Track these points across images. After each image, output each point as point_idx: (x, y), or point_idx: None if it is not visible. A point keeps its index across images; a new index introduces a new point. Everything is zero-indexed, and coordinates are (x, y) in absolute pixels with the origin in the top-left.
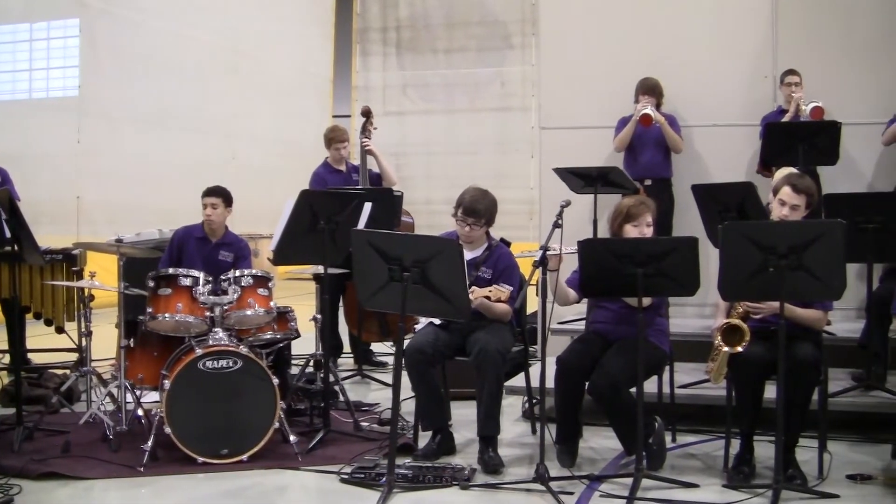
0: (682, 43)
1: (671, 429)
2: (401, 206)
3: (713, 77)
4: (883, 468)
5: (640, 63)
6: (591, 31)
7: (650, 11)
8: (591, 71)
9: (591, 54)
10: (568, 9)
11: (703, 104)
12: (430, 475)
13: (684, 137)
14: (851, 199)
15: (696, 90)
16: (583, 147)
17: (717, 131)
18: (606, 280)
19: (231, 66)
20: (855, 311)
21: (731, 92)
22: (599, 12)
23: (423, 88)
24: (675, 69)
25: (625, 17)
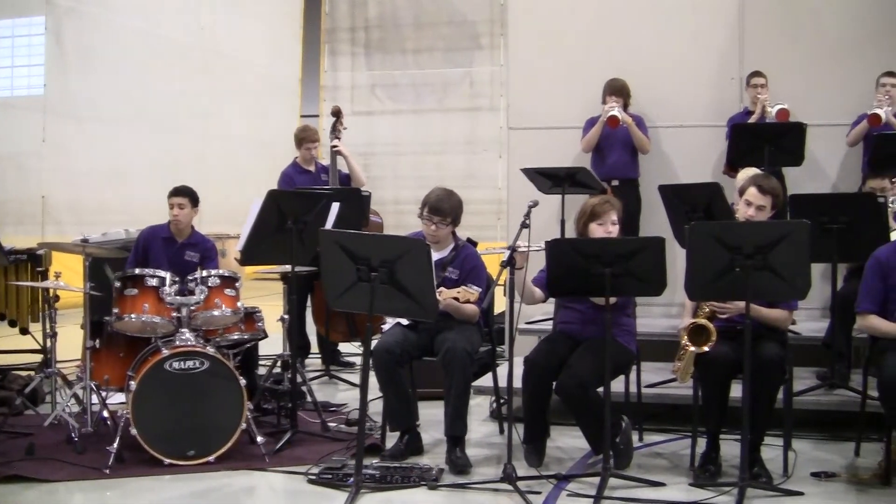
0: (649, 44)
1: (638, 428)
2: (369, 206)
3: (680, 78)
4: (846, 466)
5: (607, 64)
6: (560, 31)
7: (618, 13)
8: (560, 71)
9: (559, 55)
10: (536, 9)
11: (670, 105)
12: (397, 475)
13: (651, 138)
14: (816, 199)
15: (663, 91)
16: (551, 147)
17: (684, 132)
18: (574, 280)
19: (199, 65)
20: (819, 311)
21: (698, 93)
22: (567, 13)
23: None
24: (642, 70)
25: (593, 18)
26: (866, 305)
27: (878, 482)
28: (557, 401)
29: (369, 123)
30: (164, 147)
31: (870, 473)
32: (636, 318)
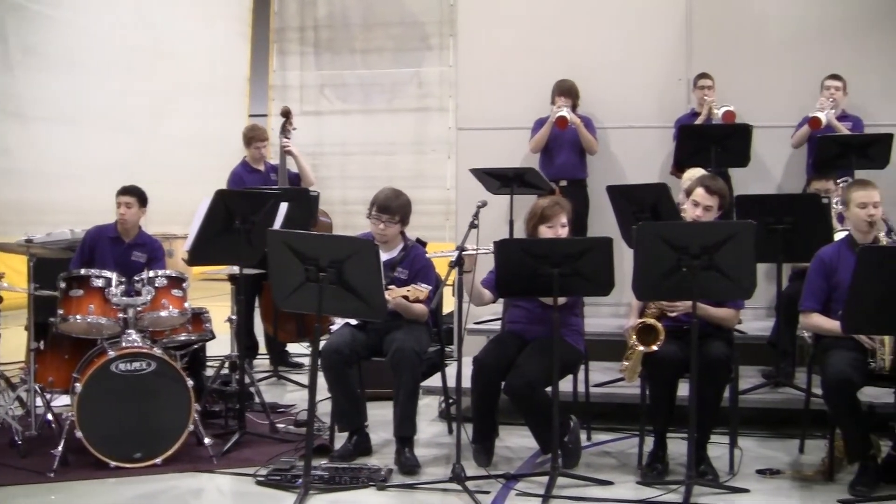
0: (598, 45)
1: (586, 427)
2: (317, 207)
3: (628, 80)
4: (791, 463)
5: (556, 65)
6: (509, 32)
7: (567, 14)
8: (508, 72)
9: (508, 56)
10: (486, 10)
11: (618, 106)
12: (346, 476)
13: (599, 139)
14: (762, 200)
15: (611, 92)
16: (499, 148)
17: (632, 133)
18: (522, 280)
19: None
20: (765, 310)
21: (646, 94)
22: (517, 14)
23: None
24: (590, 71)
25: (542, 19)
26: (810, 304)
27: (821, 478)
28: (506, 400)
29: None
30: (111, 146)
31: (814, 470)
32: (584, 317)
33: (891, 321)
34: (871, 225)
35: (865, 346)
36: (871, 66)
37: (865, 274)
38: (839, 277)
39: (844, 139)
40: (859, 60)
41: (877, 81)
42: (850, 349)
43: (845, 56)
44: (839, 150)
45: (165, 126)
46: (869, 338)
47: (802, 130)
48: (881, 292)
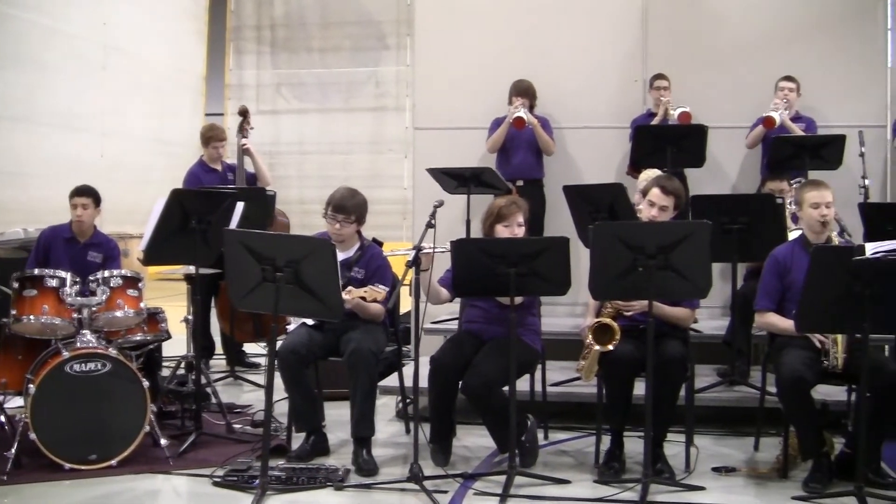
0: (554, 46)
1: (543, 426)
2: (274, 206)
3: (585, 80)
4: (746, 460)
5: (513, 65)
6: (466, 32)
7: (524, 15)
8: (466, 72)
9: (465, 56)
10: (443, 10)
11: (575, 107)
12: (303, 476)
13: (556, 139)
14: (717, 200)
15: (568, 93)
16: (456, 148)
17: (588, 133)
18: (479, 279)
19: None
20: (720, 310)
21: (602, 95)
22: (474, 14)
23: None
24: (547, 72)
25: (499, 19)
26: (764, 303)
27: (776, 475)
28: (463, 400)
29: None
30: (65, 146)
31: (768, 467)
32: (541, 317)
33: (843, 320)
34: (824, 225)
35: (818, 345)
36: (825, 68)
37: (818, 274)
38: (793, 277)
39: (798, 140)
40: (813, 62)
41: (830, 83)
42: (804, 348)
43: (799, 58)
44: (793, 151)
45: (120, 125)
46: (822, 336)
47: (757, 131)
48: (834, 292)
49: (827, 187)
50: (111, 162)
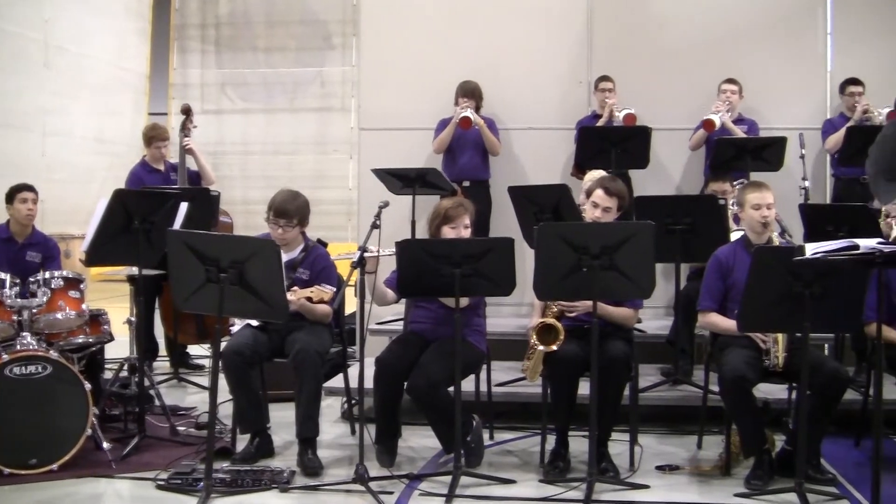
0: (501, 47)
1: (488, 426)
2: (218, 206)
3: (531, 82)
4: (689, 458)
5: (459, 66)
6: (412, 33)
7: (470, 15)
8: (412, 73)
9: (411, 56)
10: (388, 10)
11: (521, 108)
12: (248, 479)
13: (502, 140)
14: (661, 201)
15: (514, 94)
16: (402, 148)
17: (534, 134)
18: (424, 280)
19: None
20: (664, 309)
21: (548, 97)
22: (420, 15)
23: (242, 87)
24: (494, 73)
25: (445, 20)
26: (707, 303)
27: (718, 473)
28: (409, 400)
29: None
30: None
31: (711, 465)
32: (486, 317)
33: (784, 320)
34: (765, 226)
35: (760, 344)
36: (767, 71)
37: (760, 274)
38: (735, 277)
39: (740, 142)
40: (755, 65)
41: (772, 86)
42: (746, 347)
43: (742, 61)
44: (735, 153)
45: (62, 124)
46: (763, 336)
47: (699, 133)
48: (775, 292)
49: (768, 189)
50: (53, 161)
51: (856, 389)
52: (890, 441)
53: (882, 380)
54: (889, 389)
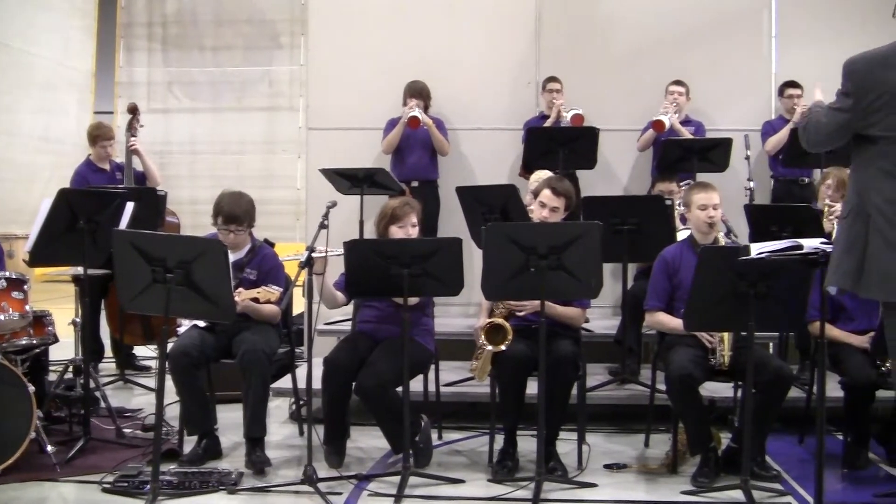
0: (449, 48)
1: (437, 426)
2: (164, 206)
3: (479, 82)
4: (637, 457)
5: (408, 66)
6: (360, 32)
7: (419, 16)
8: (360, 72)
9: (359, 56)
10: (337, 10)
11: (469, 108)
12: (195, 480)
13: (450, 140)
14: (608, 201)
15: (462, 94)
16: (350, 148)
17: (482, 135)
18: (372, 280)
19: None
20: (611, 309)
21: (496, 97)
22: (368, 14)
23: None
24: (442, 73)
25: (394, 20)
26: (654, 303)
27: (665, 471)
28: (357, 401)
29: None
30: None
31: (658, 463)
32: (434, 317)
33: (729, 319)
34: (711, 226)
35: (706, 343)
36: (713, 73)
37: (705, 274)
38: (681, 277)
39: (687, 143)
40: (702, 67)
41: (718, 88)
42: (692, 346)
43: (688, 63)
44: (682, 154)
45: (7, 122)
46: (709, 335)
47: (647, 134)
48: (720, 291)
49: (714, 189)
50: None
51: (800, 387)
52: (833, 438)
53: (825, 378)
54: (832, 387)
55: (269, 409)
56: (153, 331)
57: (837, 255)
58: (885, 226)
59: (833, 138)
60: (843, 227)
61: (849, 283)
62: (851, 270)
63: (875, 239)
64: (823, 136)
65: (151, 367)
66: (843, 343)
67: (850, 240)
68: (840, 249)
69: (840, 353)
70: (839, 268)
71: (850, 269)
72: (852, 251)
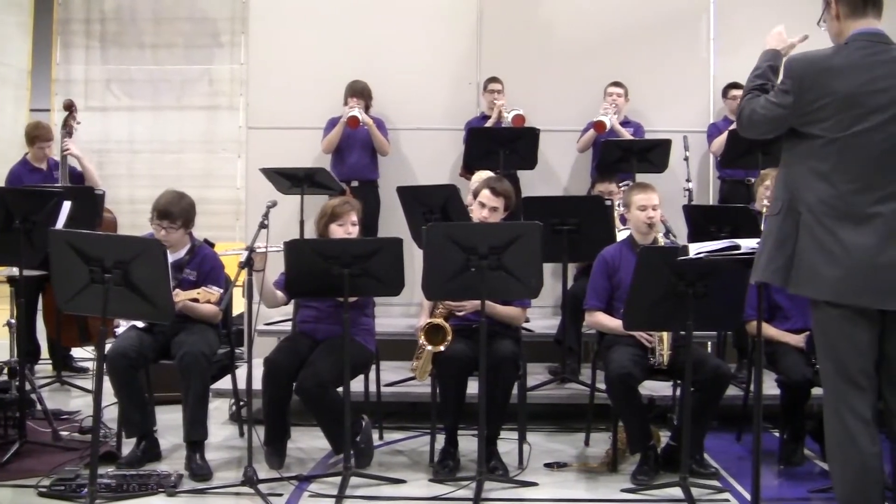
0: (390, 47)
1: (378, 426)
2: (102, 205)
3: (420, 82)
4: (577, 455)
5: (349, 65)
6: (301, 31)
7: (360, 15)
8: (300, 72)
9: (300, 55)
10: (278, 8)
11: (410, 108)
12: (134, 483)
13: (391, 140)
14: (548, 201)
15: (403, 94)
16: (290, 148)
17: (423, 135)
18: (313, 280)
19: None
20: (551, 309)
21: (437, 97)
22: (309, 13)
23: (128, 84)
24: (383, 73)
25: (335, 19)
26: (593, 303)
27: (605, 469)
28: (298, 401)
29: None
30: None
31: (598, 461)
32: (375, 317)
33: (668, 318)
34: (651, 226)
35: (645, 342)
36: (652, 75)
37: (645, 274)
38: (621, 277)
39: (626, 144)
40: (641, 69)
41: (657, 89)
42: (632, 346)
43: (628, 64)
44: (621, 154)
45: None
46: (648, 334)
47: (588, 134)
48: (659, 291)
49: (653, 190)
50: None
51: (737, 385)
52: (770, 435)
53: (762, 376)
54: (769, 385)
55: (209, 410)
56: (90, 332)
57: (768, 250)
58: (815, 224)
59: (766, 129)
60: (774, 223)
61: (779, 279)
62: (781, 267)
63: (805, 237)
64: (759, 125)
65: (89, 369)
66: (779, 342)
67: (782, 236)
68: (770, 245)
69: (776, 352)
70: (770, 263)
71: (781, 265)
72: (783, 248)
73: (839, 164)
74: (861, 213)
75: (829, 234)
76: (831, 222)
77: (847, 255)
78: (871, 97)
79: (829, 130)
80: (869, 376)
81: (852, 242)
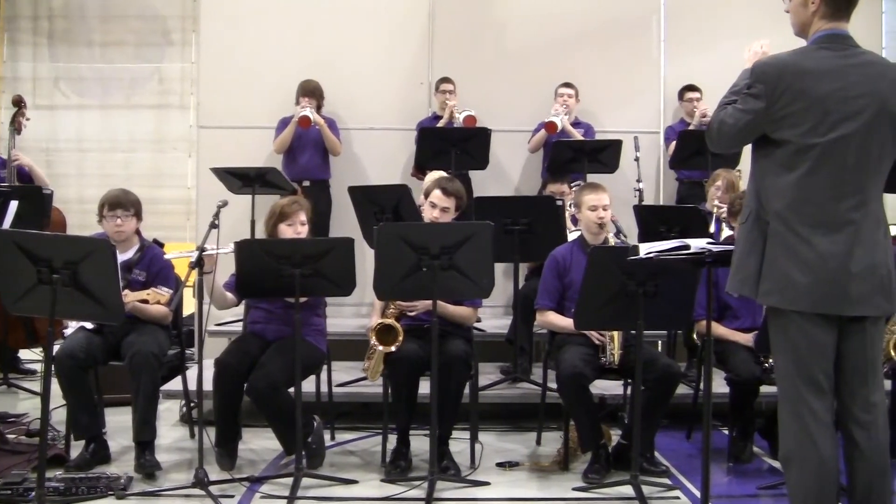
0: (342, 47)
1: (330, 427)
2: (51, 205)
3: (372, 82)
4: (529, 454)
5: (301, 65)
6: (253, 30)
7: (312, 14)
8: (252, 71)
9: (251, 54)
10: (229, 7)
11: (362, 108)
12: (83, 486)
13: (343, 140)
14: (500, 201)
15: (355, 94)
16: (241, 147)
17: (375, 135)
18: (263, 281)
19: None
20: (503, 308)
21: (389, 97)
22: (261, 12)
23: (76, 82)
24: (335, 72)
25: (287, 18)
26: (544, 302)
27: (557, 468)
28: (249, 402)
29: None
30: None
31: (550, 461)
32: (327, 317)
33: (619, 318)
34: (601, 227)
35: (596, 341)
36: (603, 76)
37: (595, 273)
38: (572, 276)
39: (577, 144)
40: (592, 70)
41: (608, 90)
42: (583, 345)
43: (579, 65)
44: (573, 155)
45: None
46: (599, 334)
47: (539, 135)
48: (610, 290)
49: (604, 190)
50: None
51: (687, 384)
52: (719, 433)
53: (712, 374)
54: (718, 383)
55: (159, 411)
56: (38, 333)
57: (737, 259)
58: (786, 232)
59: (738, 139)
60: (743, 232)
61: (747, 289)
62: (750, 276)
63: (775, 245)
64: (730, 137)
65: (37, 371)
66: (728, 340)
67: (749, 245)
68: (739, 254)
69: (726, 351)
70: (738, 272)
71: (749, 274)
72: (751, 256)
73: (814, 170)
74: (835, 220)
75: (803, 243)
76: (805, 230)
77: (822, 263)
78: (846, 103)
79: (803, 136)
80: (829, 378)
81: (825, 250)
